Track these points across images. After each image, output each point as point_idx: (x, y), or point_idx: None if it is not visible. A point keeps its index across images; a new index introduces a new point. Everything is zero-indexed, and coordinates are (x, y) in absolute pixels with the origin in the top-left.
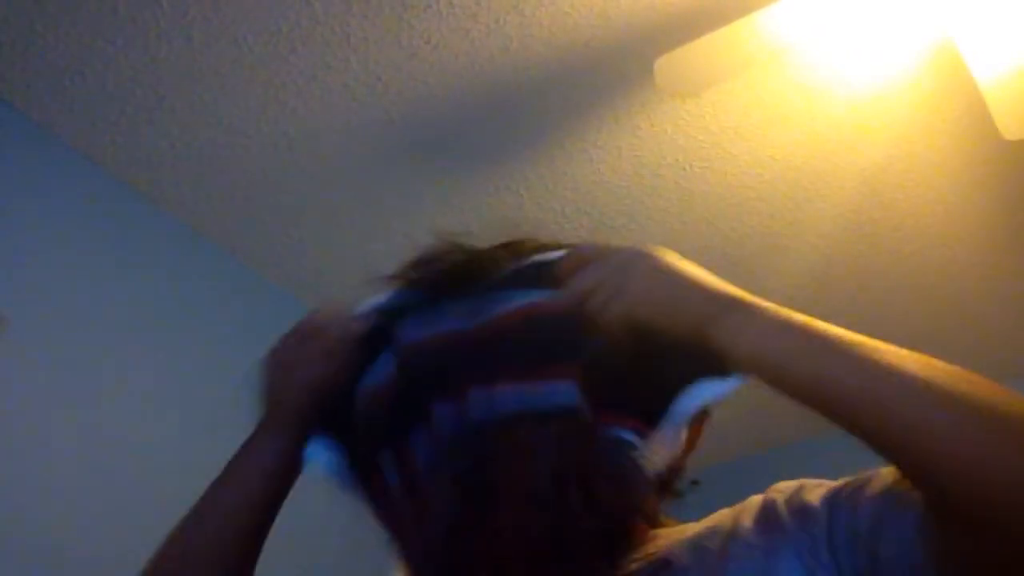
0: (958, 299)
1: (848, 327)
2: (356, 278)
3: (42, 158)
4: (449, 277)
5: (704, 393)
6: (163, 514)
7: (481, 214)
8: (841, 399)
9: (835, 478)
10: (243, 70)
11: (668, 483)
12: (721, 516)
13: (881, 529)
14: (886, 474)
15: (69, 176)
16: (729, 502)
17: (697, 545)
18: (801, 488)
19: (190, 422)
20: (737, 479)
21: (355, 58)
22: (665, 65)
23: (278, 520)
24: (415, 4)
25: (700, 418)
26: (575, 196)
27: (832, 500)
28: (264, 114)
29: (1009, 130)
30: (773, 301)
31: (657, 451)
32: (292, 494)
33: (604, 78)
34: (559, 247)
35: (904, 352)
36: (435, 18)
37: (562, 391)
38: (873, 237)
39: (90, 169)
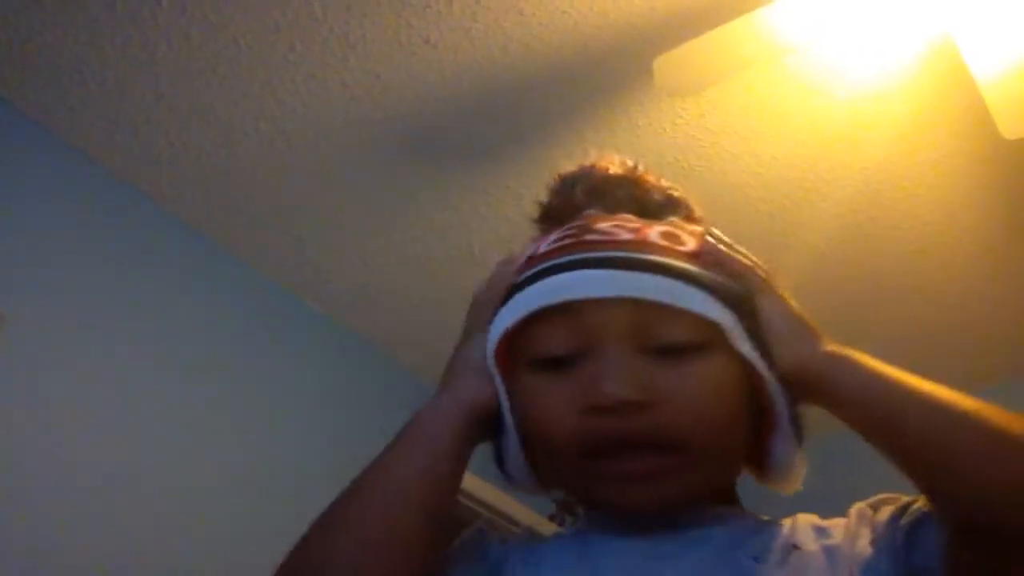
0: (958, 299)
1: (848, 327)
2: (356, 278)
3: (42, 157)
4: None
5: None
6: (162, 512)
7: (480, 213)
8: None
9: None
10: (242, 69)
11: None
12: (835, 522)
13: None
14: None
15: (69, 175)
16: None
17: (821, 538)
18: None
19: (190, 421)
20: None
21: (354, 57)
22: (664, 64)
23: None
24: (414, 3)
25: None
26: None
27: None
28: (263, 113)
29: (1009, 129)
30: None
31: None
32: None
33: (603, 77)
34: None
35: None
36: (434, 17)
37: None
38: (873, 237)
39: (90, 168)
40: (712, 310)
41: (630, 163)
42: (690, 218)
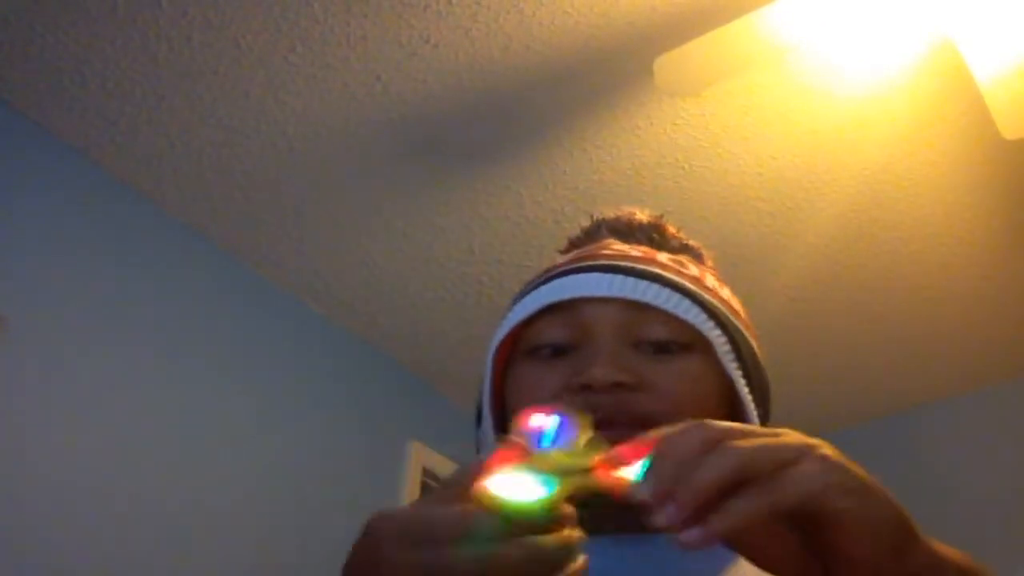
0: (958, 299)
1: (848, 327)
2: (356, 278)
3: (42, 158)
4: None
5: None
6: (161, 514)
7: (480, 214)
8: None
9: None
10: (242, 70)
11: None
12: None
13: None
14: None
15: (69, 176)
16: None
17: None
18: None
19: (189, 422)
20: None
21: (354, 57)
22: (664, 64)
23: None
24: (415, 3)
25: None
26: (574, 196)
27: None
28: (264, 114)
29: (1009, 130)
30: (773, 301)
31: None
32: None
33: (603, 77)
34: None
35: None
36: (435, 17)
37: None
38: (873, 237)
39: (90, 169)
40: (698, 319)
41: (656, 213)
42: (701, 263)
